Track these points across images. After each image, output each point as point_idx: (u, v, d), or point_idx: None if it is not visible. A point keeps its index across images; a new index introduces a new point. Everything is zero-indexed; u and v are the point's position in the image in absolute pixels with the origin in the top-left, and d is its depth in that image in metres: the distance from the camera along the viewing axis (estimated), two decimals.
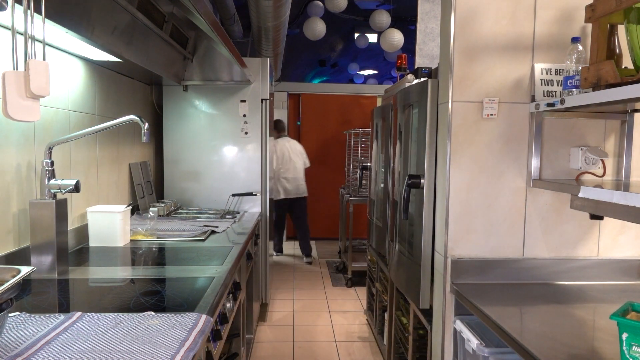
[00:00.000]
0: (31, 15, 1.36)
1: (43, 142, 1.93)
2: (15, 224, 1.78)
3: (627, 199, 1.27)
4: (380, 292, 3.32)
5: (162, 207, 3.09)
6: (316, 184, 7.05)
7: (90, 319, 1.30)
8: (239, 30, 5.24)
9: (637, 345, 1.08)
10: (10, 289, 1.06)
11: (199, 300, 1.48)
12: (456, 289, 1.81)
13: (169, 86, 3.53)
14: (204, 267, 1.92)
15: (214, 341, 1.58)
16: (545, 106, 1.72)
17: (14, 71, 1.33)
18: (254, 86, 3.61)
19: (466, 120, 1.84)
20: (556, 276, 1.89)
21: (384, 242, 3.00)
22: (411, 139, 2.32)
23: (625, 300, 1.23)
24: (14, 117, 1.33)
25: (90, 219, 2.22)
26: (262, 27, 4.44)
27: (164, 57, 2.88)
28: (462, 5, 1.81)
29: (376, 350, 3.39)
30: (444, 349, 1.90)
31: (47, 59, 1.44)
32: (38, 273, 1.72)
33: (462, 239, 1.89)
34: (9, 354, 1.08)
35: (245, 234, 2.64)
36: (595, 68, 1.44)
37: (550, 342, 1.32)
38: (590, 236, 1.92)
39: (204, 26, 2.18)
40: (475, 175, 1.87)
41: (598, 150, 1.85)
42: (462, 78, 1.83)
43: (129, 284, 1.72)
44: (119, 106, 2.80)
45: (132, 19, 2.20)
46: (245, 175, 3.64)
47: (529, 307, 1.66)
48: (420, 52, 4.07)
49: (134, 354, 1.10)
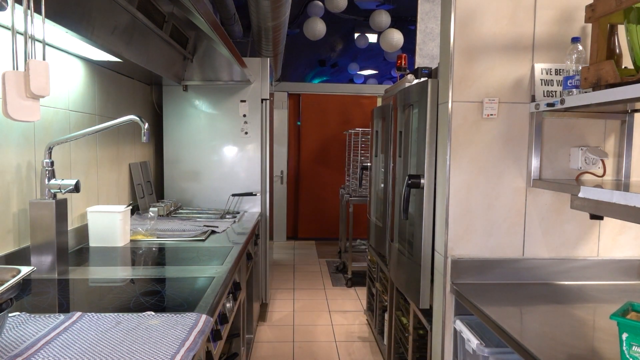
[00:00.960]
0: (31, 15, 1.36)
1: (43, 142, 1.93)
2: (15, 224, 1.78)
3: (627, 199, 1.27)
4: (380, 292, 3.32)
5: (162, 207, 3.09)
6: (316, 184, 7.06)
7: (90, 319, 1.30)
8: (239, 30, 5.24)
9: (637, 345, 1.08)
10: (10, 289, 1.06)
11: (199, 300, 1.48)
12: (456, 289, 1.81)
13: (169, 86, 3.53)
14: (204, 267, 1.92)
15: (214, 341, 1.58)
16: (545, 106, 1.72)
17: (14, 71, 1.33)
18: (254, 86, 3.61)
19: (466, 120, 1.84)
20: (556, 276, 1.89)
21: (384, 242, 3.00)
22: (411, 139, 2.32)
23: (625, 300, 1.23)
24: (14, 117, 1.33)
25: (90, 219, 2.22)
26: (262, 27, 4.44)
27: (164, 57, 2.88)
28: (462, 5, 1.81)
29: (376, 350, 3.39)
30: (444, 349, 1.90)
31: (47, 59, 1.44)
32: (38, 273, 1.72)
33: (462, 239, 1.89)
34: (9, 354, 1.08)
35: (245, 234, 2.64)
36: (595, 68, 1.44)
37: (550, 342, 1.32)
38: (590, 236, 1.92)
39: (204, 26, 2.18)
40: (475, 175, 1.87)
41: (598, 150, 1.85)
42: (462, 78, 1.83)
43: (129, 284, 1.72)
44: (119, 106, 2.81)
45: (132, 19, 2.20)
46: (245, 175, 3.64)
47: (529, 307, 1.66)
48: (420, 52, 4.07)
49: (134, 354, 1.10)
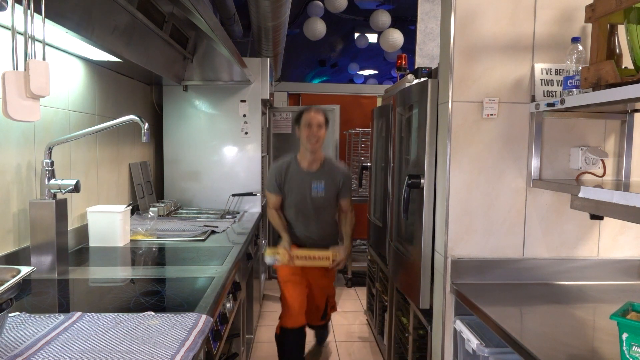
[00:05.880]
0: (31, 15, 1.36)
1: (43, 142, 1.93)
2: (15, 224, 1.78)
3: (627, 199, 1.27)
4: (380, 292, 3.32)
5: (162, 207, 3.09)
6: None
7: (90, 319, 1.30)
8: (239, 30, 5.24)
9: (637, 345, 1.08)
10: (10, 289, 1.06)
11: (199, 300, 1.48)
12: (456, 289, 1.81)
13: (169, 86, 3.52)
14: (204, 267, 1.92)
15: (214, 341, 1.58)
16: (545, 106, 1.72)
17: (14, 71, 1.33)
18: (254, 86, 3.61)
19: (466, 120, 1.84)
20: (556, 276, 1.89)
21: (384, 242, 3.00)
22: (411, 139, 2.32)
23: (625, 300, 1.23)
24: (14, 117, 1.33)
25: (90, 219, 2.22)
26: (262, 27, 4.44)
27: (164, 57, 2.88)
28: (462, 5, 1.81)
29: (376, 350, 3.39)
30: (444, 349, 1.90)
31: (47, 59, 1.44)
32: (38, 273, 1.72)
33: (462, 239, 1.89)
34: (9, 354, 1.08)
35: (245, 234, 2.64)
36: (595, 68, 1.44)
37: (550, 342, 1.32)
38: (590, 236, 1.92)
39: (204, 26, 2.18)
40: (475, 175, 1.87)
41: (598, 150, 1.85)
42: (462, 78, 1.83)
43: (129, 284, 1.72)
44: (119, 106, 2.80)
45: (132, 19, 2.20)
46: (245, 175, 3.64)
47: (529, 307, 1.66)
48: (420, 52, 4.07)
49: (134, 354, 1.10)
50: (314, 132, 2.63)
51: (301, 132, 2.68)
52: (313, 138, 2.63)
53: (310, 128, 2.64)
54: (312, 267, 2.81)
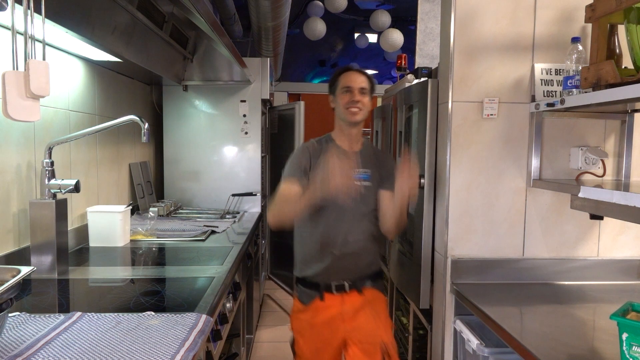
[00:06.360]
0: (31, 15, 1.36)
1: (43, 142, 1.93)
2: (15, 224, 1.78)
3: (627, 199, 1.27)
4: None
5: (162, 207, 3.09)
6: None
7: (90, 319, 1.30)
8: (239, 30, 5.24)
9: (637, 345, 1.08)
10: (10, 289, 1.06)
11: (199, 300, 1.48)
12: (456, 289, 1.81)
13: (169, 86, 3.52)
14: (204, 267, 1.92)
15: (214, 341, 1.58)
16: (545, 106, 1.72)
17: (14, 71, 1.33)
18: (254, 86, 3.61)
19: (466, 120, 1.84)
20: (556, 276, 1.89)
21: (384, 242, 3.00)
22: (411, 139, 2.32)
23: (625, 300, 1.23)
24: (14, 117, 1.33)
25: (90, 219, 2.22)
26: (262, 27, 4.45)
27: (163, 57, 2.88)
28: (462, 5, 1.81)
29: None
30: (444, 349, 1.90)
31: (47, 59, 1.44)
32: (38, 273, 1.72)
33: (462, 239, 1.89)
34: (9, 354, 1.08)
35: (245, 234, 2.64)
36: (595, 68, 1.44)
37: (551, 342, 1.32)
38: (590, 236, 1.92)
39: (204, 26, 2.18)
40: (475, 175, 1.87)
41: (598, 150, 1.85)
42: (462, 78, 1.83)
43: (129, 284, 1.72)
44: (119, 106, 2.80)
45: (132, 19, 2.20)
46: (245, 175, 3.64)
47: (529, 307, 1.66)
48: (420, 52, 4.07)
49: (134, 354, 1.10)
50: (355, 96, 1.85)
51: (337, 100, 1.90)
52: (354, 106, 1.84)
53: (352, 93, 1.85)
54: (347, 308, 1.86)
